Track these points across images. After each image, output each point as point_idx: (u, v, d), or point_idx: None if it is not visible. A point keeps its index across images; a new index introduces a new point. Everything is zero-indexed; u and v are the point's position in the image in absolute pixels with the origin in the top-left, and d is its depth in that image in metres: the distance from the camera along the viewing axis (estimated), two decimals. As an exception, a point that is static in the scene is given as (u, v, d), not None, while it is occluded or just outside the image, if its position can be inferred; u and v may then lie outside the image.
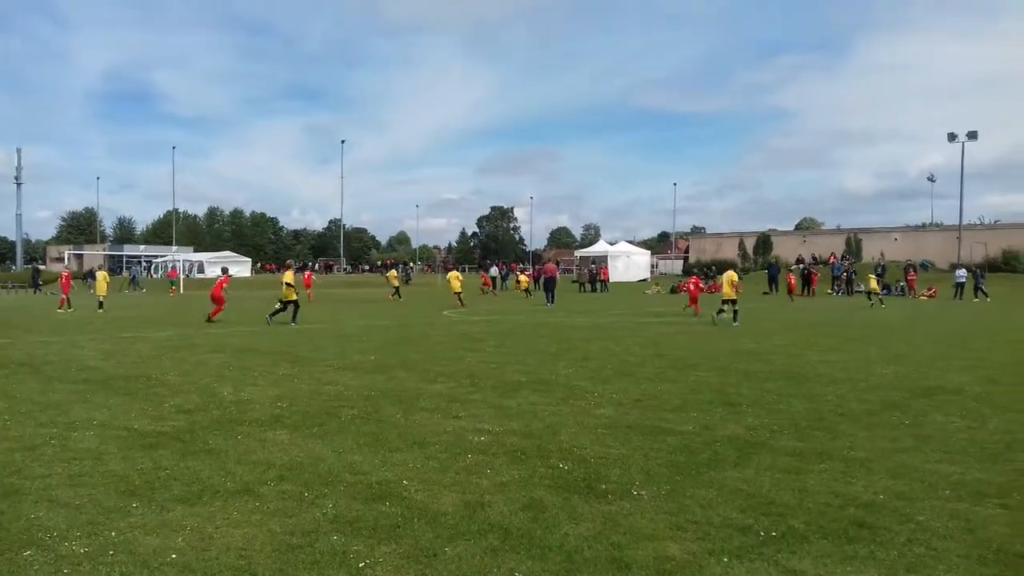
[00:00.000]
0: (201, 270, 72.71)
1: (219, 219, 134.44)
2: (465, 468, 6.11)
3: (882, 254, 58.66)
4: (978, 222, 73.13)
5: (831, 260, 55.61)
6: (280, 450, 6.71)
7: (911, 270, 47.00)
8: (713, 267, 52.53)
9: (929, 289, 43.71)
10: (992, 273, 47.45)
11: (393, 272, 42.87)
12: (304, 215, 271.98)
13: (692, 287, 28.90)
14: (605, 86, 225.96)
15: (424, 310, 28.79)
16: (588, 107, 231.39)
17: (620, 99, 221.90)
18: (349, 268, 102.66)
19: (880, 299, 34.06)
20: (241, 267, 73.45)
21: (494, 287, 48.77)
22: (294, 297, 21.51)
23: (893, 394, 9.76)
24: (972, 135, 57.63)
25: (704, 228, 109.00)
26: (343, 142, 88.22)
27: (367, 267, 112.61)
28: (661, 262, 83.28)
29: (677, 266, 78.79)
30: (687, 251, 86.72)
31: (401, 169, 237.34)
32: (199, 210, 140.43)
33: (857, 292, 46.25)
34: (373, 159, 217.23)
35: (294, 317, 21.07)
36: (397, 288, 38.07)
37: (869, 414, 8.46)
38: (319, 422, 7.91)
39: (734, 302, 22.23)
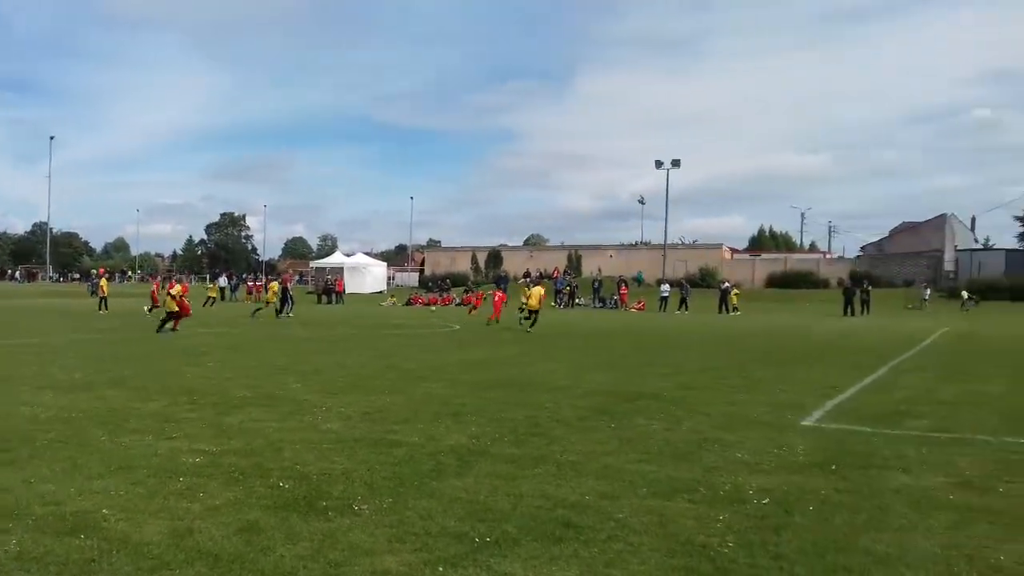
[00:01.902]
0: None
1: None
2: (175, 493, 5.73)
3: (599, 269, 63.18)
4: (680, 242, 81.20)
5: (555, 274, 58.97)
6: (-47, 483, 5.89)
7: (623, 284, 51.01)
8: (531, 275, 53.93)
9: (638, 302, 47.73)
10: (693, 288, 52.72)
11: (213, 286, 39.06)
12: (3, 217, 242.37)
13: (497, 299, 30.23)
14: (343, 98, 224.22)
15: (142, 323, 26.71)
16: (325, 117, 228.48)
17: (358, 112, 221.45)
18: (57, 276, 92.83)
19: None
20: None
21: (222, 298, 46.35)
22: None
23: (603, 400, 10.51)
24: (676, 163, 64.10)
25: (440, 241, 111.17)
26: (52, 139, 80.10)
27: (77, 275, 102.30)
28: (398, 274, 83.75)
29: (414, 279, 79.62)
30: (423, 264, 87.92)
31: (121, 171, 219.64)
32: None
33: (578, 305, 49.55)
34: (89, 159, 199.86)
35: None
36: (211, 298, 35.83)
37: (581, 419, 9.05)
38: (7, 448, 7.04)
39: (536, 312, 25.31)
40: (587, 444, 7.66)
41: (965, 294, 49.67)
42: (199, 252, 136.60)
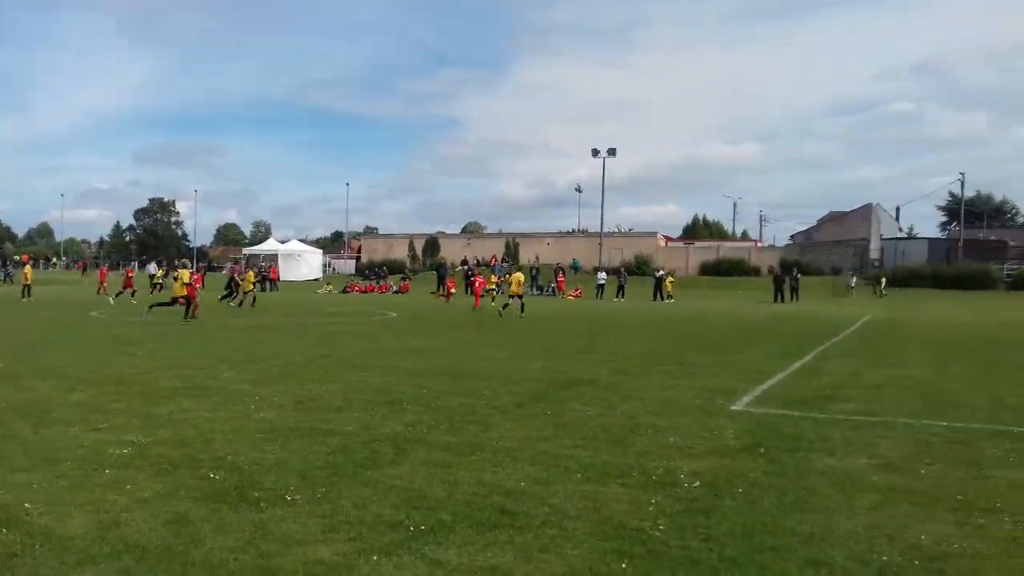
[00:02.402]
0: None
1: None
2: (101, 485, 5.58)
3: (537, 257, 63.44)
4: (616, 230, 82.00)
5: (492, 262, 59.01)
6: None
7: (560, 272, 51.31)
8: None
9: (576, 290, 48.06)
10: (630, 275, 53.29)
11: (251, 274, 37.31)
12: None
13: (477, 285, 30.43)
14: (277, 82, 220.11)
15: (68, 310, 25.88)
16: (259, 102, 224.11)
17: (293, 97, 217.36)
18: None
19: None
20: None
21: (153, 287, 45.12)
22: None
23: (540, 387, 10.58)
24: (612, 152, 64.60)
25: (376, 228, 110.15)
26: (-34, 118, 76.69)
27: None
28: (335, 261, 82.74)
29: (350, 266, 78.78)
30: (359, 251, 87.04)
31: (45, 155, 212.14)
32: None
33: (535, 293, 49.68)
34: (11, 143, 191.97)
35: None
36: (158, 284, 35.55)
37: (518, 406, 9.09)
38: (-81, 443, 6.77)
39: (520, 296, 27.03)
40: (523, 431, 7.70)
41: (883, 280, 51.34)
42: (127, 238, 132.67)
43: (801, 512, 5.23)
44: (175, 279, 23.45)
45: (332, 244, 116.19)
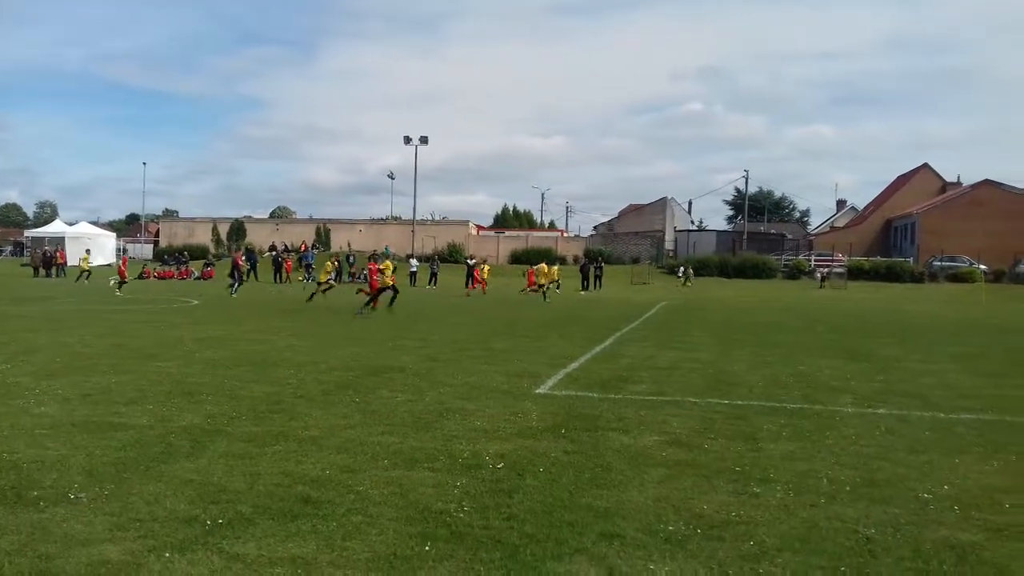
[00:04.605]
0: None
1: None
2: None
3: (349, 244, 62.38)
4: (429, 218, 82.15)
5: (303, 248, 57.46)
6: None
7: (372, 260, 50.70)
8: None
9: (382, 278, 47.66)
10: (442, 263, 53.56)
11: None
12: None
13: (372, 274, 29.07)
14: (64, 53, 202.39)
15: None
16: (48, 74, 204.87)
17: (87, 69, 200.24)
18: None
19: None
20: None
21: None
22: None
23: (348, 374, 10.46)
24: (424, 140, 64.72)
25: (177, 212, 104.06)
26: None
27: None
28: (130, 246, 77.40)
29: (147, 250, 74.03)
30: (158, 235, 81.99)
31: None
32: None
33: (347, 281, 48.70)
34: None
35: None
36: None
37: (325, 394, 8.95)
38: None
39: (543, 286, 31.82)
40: (330, 419, 7.59)
41: (690, 269, 54.72)
42: None
43: (597, 488, 5.51)
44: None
45: (127, 227, 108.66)
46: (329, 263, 29.06)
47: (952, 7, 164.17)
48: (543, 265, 33.45)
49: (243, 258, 39.35)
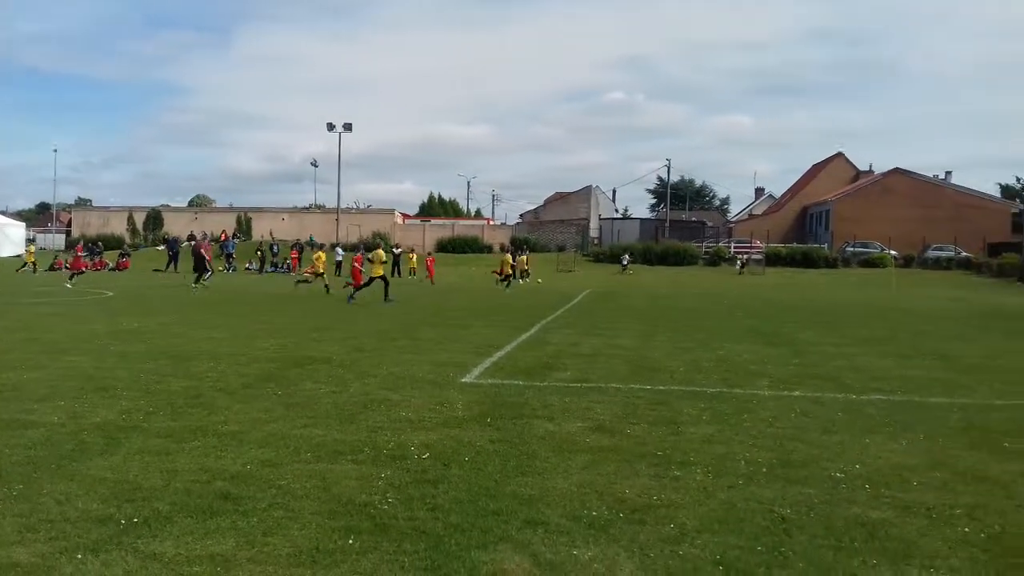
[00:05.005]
0: None
1: None
2: None
3: (271, 233, 61.21)
4: (354, 206, 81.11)
5: (223, 238, 56.14)
6: None
7: (295, 248, 49.97)
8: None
9: (312, 267, 46.95)
10: (368, 252, 52.96)
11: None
12: None
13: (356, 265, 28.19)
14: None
15: None
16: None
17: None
18: None
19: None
20: None
21: None
22: None
23: (270, 366, 10.27)
24: (348, 127, 63.76)
25: (91, 200, 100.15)
26: None
27: None
28: (40, 236, 74.31)
29: (59, 240, 71.21)
30: (70, 224, 78.94)
31: None
32: None
33: (248, 270, 47.78)
34: None
35: None
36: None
37: (246, 387, 8.76)
38: None
39: (511, 275, 32.63)
40: (251, 412, 7.44)
41: (626, 258, 55.43)
42: None
43: (522, 476, 5.54)
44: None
45: (37, 217, 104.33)
46: (322, 254, 29.00)
47: (866, 1, 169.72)
48: (508, 256, 34.08)
49: (208, 244, 38.13)
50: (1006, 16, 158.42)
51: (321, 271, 28.39)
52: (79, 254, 34.01)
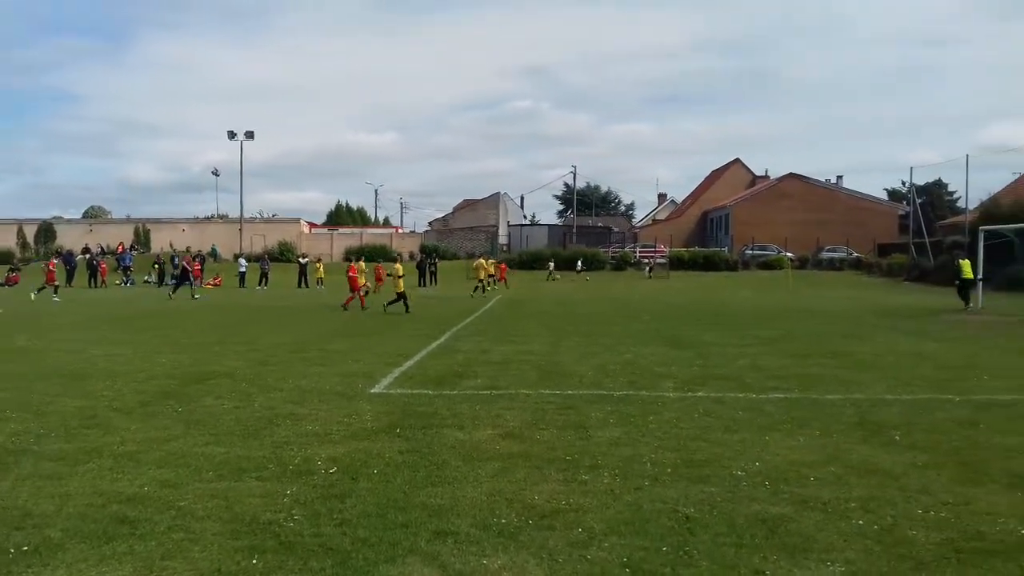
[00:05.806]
0: None
1: None
2: None
3: (171, 244, 59.30)
4: (258, 216, 79.36)
5: (119, 250, 54.12)
6: None
7: (197, 260, 48.50)
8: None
9: (215, 278, 45.76)
10: (273, 262, 51.89)
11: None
12: None
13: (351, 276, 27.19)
14: None
15: None
16: None
17: None
18: None
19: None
20: None
21: None
22: None
23: (170, 383, 9.93)
24: (250, 135, 62.54)
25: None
26: None
27: None
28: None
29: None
30: (-49, 238, 74.58)
31: None
32: None
33: (147, 283, 46.17)
34: None
35: None
36: None
37: (144, 405, 8.46)
38: None
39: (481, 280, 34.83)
40: (149, 431, 7.19)
41: (580, 263, 55.93)
42: None
43: (432, 486, 5.52)
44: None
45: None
46: (363, 264, 29.07)
47: (751, 11, 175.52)
48: (481, 260, 36.99)
49: (192, 258, 37.10)
50: (886, 28, 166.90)
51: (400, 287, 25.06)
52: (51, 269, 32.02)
